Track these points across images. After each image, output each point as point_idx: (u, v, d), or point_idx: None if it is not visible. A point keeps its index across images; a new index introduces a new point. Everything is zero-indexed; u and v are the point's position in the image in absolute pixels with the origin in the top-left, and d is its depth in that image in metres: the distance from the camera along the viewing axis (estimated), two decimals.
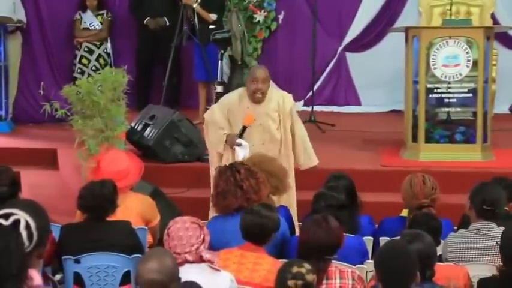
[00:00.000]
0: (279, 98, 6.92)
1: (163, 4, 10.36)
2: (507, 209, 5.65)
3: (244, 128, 6.81)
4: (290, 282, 3.84)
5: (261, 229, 4.78)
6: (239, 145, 6.76)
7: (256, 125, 6.81)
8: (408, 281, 3.81)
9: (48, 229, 3.14)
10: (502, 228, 4.88)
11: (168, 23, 10.34)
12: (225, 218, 5.26)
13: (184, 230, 4.44)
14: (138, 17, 10.51)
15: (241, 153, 6.72)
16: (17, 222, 3.08)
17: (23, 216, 3.09)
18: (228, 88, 10.26)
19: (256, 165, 5.68)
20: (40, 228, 3.01)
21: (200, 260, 4.41)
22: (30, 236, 2.99)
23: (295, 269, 3.87)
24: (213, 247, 4.76)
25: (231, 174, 5.32)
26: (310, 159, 6.97)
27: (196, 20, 9.79)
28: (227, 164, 5.60)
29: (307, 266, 3.92)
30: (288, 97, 6.99)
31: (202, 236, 4.46)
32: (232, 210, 5.25)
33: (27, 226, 2.99)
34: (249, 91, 6.84)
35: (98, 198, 5.13)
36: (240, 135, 6.81)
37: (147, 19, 10.42)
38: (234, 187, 5.27)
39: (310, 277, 3.88)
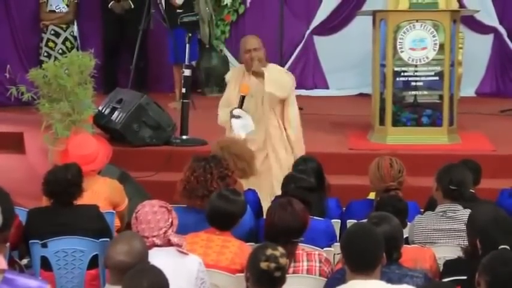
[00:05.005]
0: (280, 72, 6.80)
1: None
2: (473, 191, 5.70)
3: (242, 98, 6.59)
4: (263, 264, 3.84)
5: (228, 216, 4.77)
6: (237, 117, 6.56)
7: (248, 97, 6.63)
8: (374, 263, 3.83)
9: (13, 212, 3.13)
10: (468, 210, 4.93)
11: (132, 6, 10.29)
12: (186, 211, 5.18)
13: (153, 214, 4.43)
14: (102, 1, 10.47)
15: (237, 124, 6.53)
16: None
17: None
18: (195, 71, 10.26)
19: (224, 149, 5.66)
20: (5, 211, 3.00)
21: (168, 243, 4.41)
22: None
23: (269, 252, 3.87)
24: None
25: (203, 175, 5.19)
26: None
27: (163, 3, 9.75)
28: (203, 158, 5.36)
29: (281, 249, 3.92)
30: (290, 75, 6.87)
31: (170, 219, 4.46)
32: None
33: None
34: (245, 64, 6.72)
35: (63, 183, 5.11)
36: (240, 106, 6.58)
37: (111, 3, 10.37)
38: (202, 189, 5.15)
39: (284, 261, 3.89)
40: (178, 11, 9.68)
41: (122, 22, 10.37)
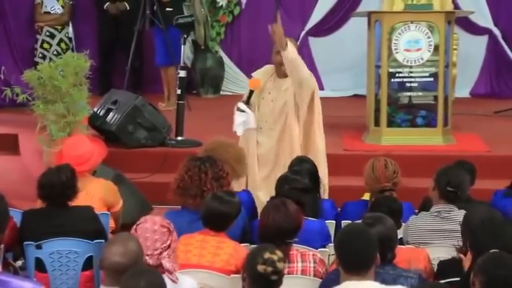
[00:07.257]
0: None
1: None
2: (468, 192, 5.71)
3: (250, 92, 6.49)
4: (260, 267, 3.83)
5: (222, 217, 4.76)
6: (241, 110, 6.45)
7: (267, 100, 6.57)
8: (367, 263, 3.83)
9: (7, 214, 3.13)
10: (463, 211, 4.94)
11: (128, 8, 10.30)
12: (179, 213, 5.15)
13: (152, 232, 4.29)
14: (97, 2, 10.48)
15: (239, 119, 6.41)
16: None
17: None
18: (191, 73, 10.26)
19: (208, 152, 5.61)
20: None
21: (160, 266, 4.26)
22: None
23: (267, 255, 3.85)
24: None
25: (198, 174, 5.17)
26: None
27: (156, 3, 9.75)
28: (198, 158, 5.35)
29: (279, 253, 3.90)
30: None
31: (168, 242, 4.31)
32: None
33: None
34: (275, 66, 6.58)
35: (58, 186, 5.08)
36: (247, 101, 6.48)
37: (107, 4, 10.37)
38: (195, 189, 5.13)
39: (281, 265, 3.87)
40: (167, 9, 9.68)
41: (117, 23, 10.37)
